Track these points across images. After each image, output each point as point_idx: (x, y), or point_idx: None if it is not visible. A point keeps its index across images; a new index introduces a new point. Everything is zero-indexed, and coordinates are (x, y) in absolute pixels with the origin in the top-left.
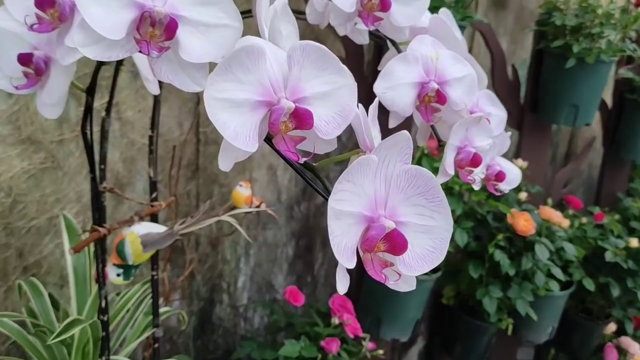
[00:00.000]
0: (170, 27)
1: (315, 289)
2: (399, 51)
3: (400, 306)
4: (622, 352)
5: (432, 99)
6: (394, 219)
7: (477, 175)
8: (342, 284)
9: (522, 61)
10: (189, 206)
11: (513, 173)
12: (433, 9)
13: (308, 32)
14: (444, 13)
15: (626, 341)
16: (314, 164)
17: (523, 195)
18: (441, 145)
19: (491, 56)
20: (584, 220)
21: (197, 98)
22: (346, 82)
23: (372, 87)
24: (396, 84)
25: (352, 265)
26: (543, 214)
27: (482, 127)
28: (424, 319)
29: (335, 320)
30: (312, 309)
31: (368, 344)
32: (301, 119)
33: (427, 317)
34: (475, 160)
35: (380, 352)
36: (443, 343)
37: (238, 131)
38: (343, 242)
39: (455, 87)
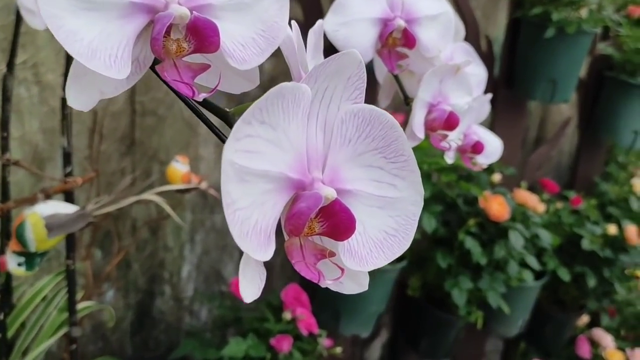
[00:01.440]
0: None
1: (272, 278)
2: None
3: (361, 299)
4: (594, 344)
5: (397, 41)
6: (336, 186)
7: (453, 142)
8: (250, 288)
9: (493, 38)
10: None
11: (493, 145)
12: None
13: None
14: None
15: (598, 333)
16: (227, 109)
17: (496, 177)
18: (408, 102)
19: (464, 25)
20: (560, 205)
21: None
22: None
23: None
24: (352, 19)
25: (265, 256)
26: (518, 197)
27: (460, 80)
28: (388, 311)
29: (287, 315)
30: (263, 302)
31: (324, 341)
32: (201, 34)
33: (392, 308)
34: (451, 121)
35: (339, 349)
36: (408, 337)
37: (96, 46)
38: (252, 219)
39: (427, 27)
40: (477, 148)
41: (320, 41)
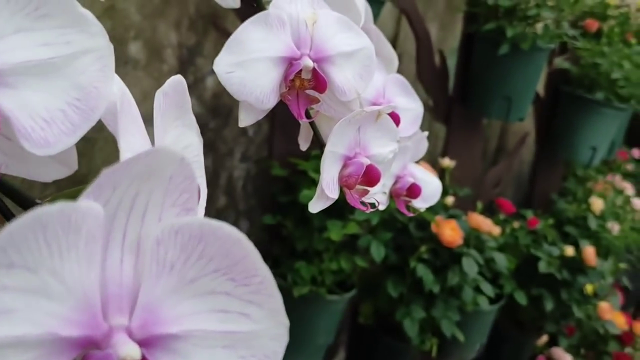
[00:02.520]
0: None
1: None
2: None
3: (307, 331)
4: None
5: (306, 83)
6: (153, 332)
7: (375, 197)
8: None
9: (452, 49)
10: None
11: (431, 186)
12: None
13: (204, 6)
14: None
15: (558, 353)
16: (37, 200)
17: (450, 200)
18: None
19: (416, 41)
20: (516, 224)
21: None
22: (95, 45)
23: None
24: (249, 58)
25: None
26: (472, 221)
27: (383, 125)
28: (340, 340)
29: None
30: None
31: None
32: None
33: (345, 337)
34: (371, 176)
35: None
36: None
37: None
38: None
39: (342, 66)
40: (414, 192)
41: (182, 99)
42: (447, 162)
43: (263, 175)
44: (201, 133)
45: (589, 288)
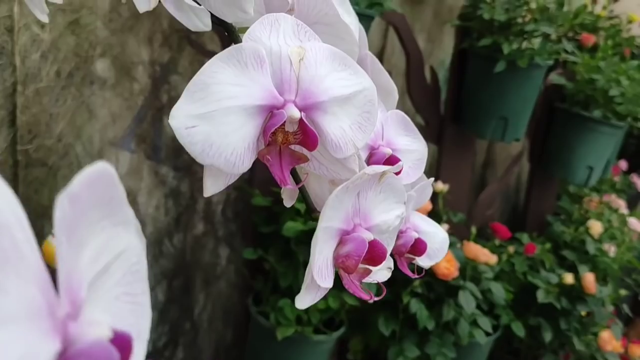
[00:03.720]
0: None
1: (197, 337)
2: (235, 43)
3: None
4: None
5: (291, 137)
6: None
7: (378, 275)
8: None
9: (439, 62)
10: None
11: (438, 239)
12: None
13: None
14: None
15: None
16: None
17: (444, 227)
18: (315, 217)
19: (406, 56)
20: (511, 249)
21: (12, 105)
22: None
23: None
24: (216, 108)
25: None
26: (468, 251)
27: (388, 186)
28: None
29: None
30: None
31: None
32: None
33: None
34: (375, 254)
35: None
36: None
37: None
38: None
39: (337, 114)
40: (418, 248)
41: (110, 192)
42: (440, 186)
43: (244, 200)
44: (177, 155)
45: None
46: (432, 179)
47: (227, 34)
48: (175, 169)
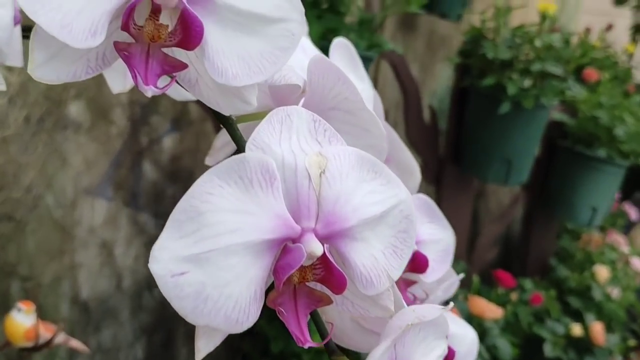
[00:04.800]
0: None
1: (174, 344)
2: (239, 147)
3: None
4: None
5: (310, 274)
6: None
7: None
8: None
9: (432, 92)
10: None
11: (466, 342)
12: (328, 33)
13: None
14: (342, 47)
15: None
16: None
17: None
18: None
19: (403, 93)
20: (514, 296)
21: None
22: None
23: None
24: (213, 248)
25: None
26: (474, 306)
27: (429, 328)
28: None
29: None
30: None
31: None
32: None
33: None
34: None
35: None
36: None
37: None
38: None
39: (367, 239)
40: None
41: None
42: None
43: None
44: (159, 200)
45: None
46: (462, 275)
47: (222, 126)
48: (155, 215)
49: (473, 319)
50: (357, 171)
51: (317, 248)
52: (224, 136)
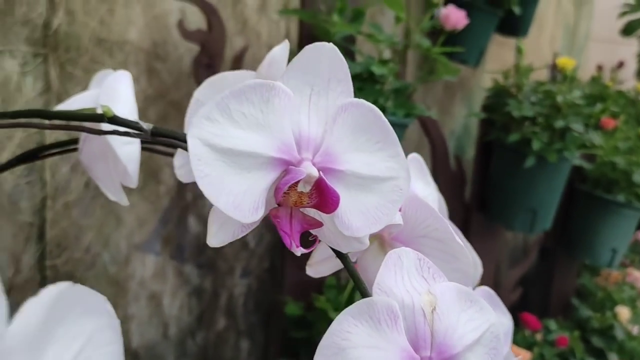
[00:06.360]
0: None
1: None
2: (358, 283)
3: None
4: None
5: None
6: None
7: None
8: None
9: (450, 132)
10: None
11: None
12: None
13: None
14: (415, 161)
15: None
16: None
17: None
18: None
19: (431, 146)
20: (539, 337)
21: (42, 220)
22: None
23: None
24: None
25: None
26: None
27: None
28: None
29: None
30: None
31: None
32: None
33: None
34: None
35: None
36: None
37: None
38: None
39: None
40: None
41: None
42: None
43: (264, 291)
44: (201, 252)
45: None
46: (521, 357)
47: (339, 259)
48: (198, 266)
49: None
50: (458, 303)
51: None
52: (322, 250)
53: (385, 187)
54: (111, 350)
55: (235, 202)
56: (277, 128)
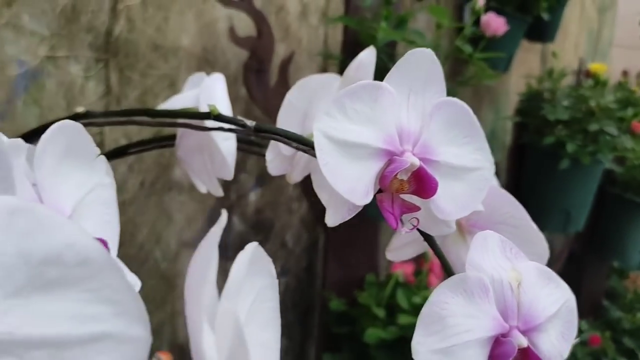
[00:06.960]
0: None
1: None
2: (444, 262)
3: None
4: None
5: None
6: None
7: None
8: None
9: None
10: None
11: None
12: None
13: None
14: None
15: None
16: None
17: None
18: None
19: None
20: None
21: None
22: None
23: None
24: (455, 343)
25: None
26: None
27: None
28: None
29: None
30: None
31: None
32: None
33: None
34: None
35: None
36: None
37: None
38: None
39: (548, 330)
40: None
41: None
42: None
43: (301, 289)
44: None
45: None
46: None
47: (428, 244)
48: None
49: None
50: (539, 280)
51: (522, 341)
52: (402, 237)
53: (473, 177)
54: (272, 307)
55: (351, 187)
56: (383, 123)
